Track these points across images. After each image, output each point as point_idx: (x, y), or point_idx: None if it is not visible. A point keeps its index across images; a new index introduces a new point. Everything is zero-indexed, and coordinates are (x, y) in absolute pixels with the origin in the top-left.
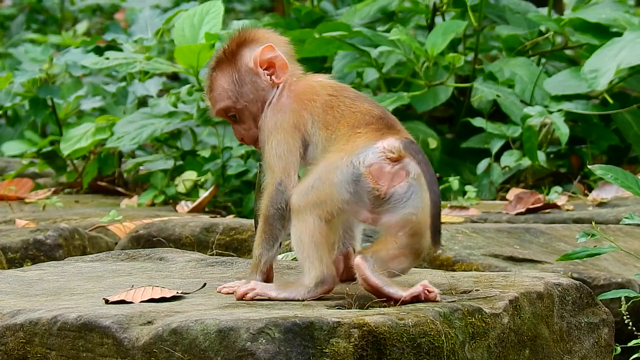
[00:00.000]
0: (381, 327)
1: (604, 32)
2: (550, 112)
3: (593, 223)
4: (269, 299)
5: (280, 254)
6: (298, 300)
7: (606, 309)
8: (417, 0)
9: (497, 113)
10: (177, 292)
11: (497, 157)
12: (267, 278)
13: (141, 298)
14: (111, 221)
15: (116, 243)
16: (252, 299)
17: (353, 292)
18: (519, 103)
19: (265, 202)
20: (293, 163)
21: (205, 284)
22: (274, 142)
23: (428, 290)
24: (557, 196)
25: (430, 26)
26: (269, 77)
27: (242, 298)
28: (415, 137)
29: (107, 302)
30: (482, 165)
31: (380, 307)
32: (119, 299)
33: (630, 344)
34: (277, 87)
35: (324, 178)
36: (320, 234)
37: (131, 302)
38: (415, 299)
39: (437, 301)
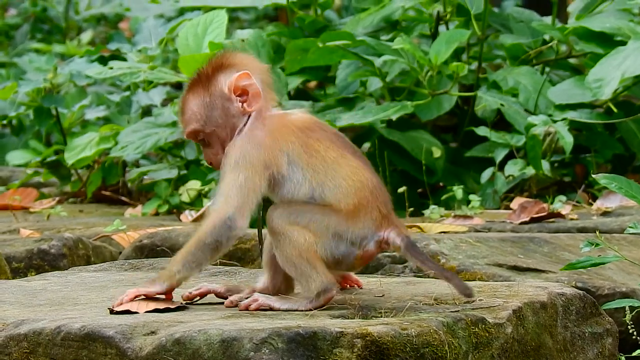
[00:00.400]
0: (384, 337)
1: (608, 41)
2: (555, 121)
3: (597, 232)
4: (271, 309)
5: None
6: (301, 310)
7: (610, 318)
8: (420, 9)
9: (501, 122)
10: (182, 303)
11: (501, 166)
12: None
13: (146, 308)
14: (115, 231)
15: (120, 252)
16: (255, 310)
17: (356, 302)
18: (523, 112)
19: (206, 229)
20: (250, 204)
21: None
22: (239, 174)
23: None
24: (562, 205)
25: (434, 35)
26: (240, 104)
27: (246, 309)
28: (419, 147)
29: (111, 312)
30: (486, 174)
31: (383, 317)
32: (123, 309)
33: (634, 354)
34: (249, 116)
35: (318, 228)
36: (307, 249)
37: (136, 313)
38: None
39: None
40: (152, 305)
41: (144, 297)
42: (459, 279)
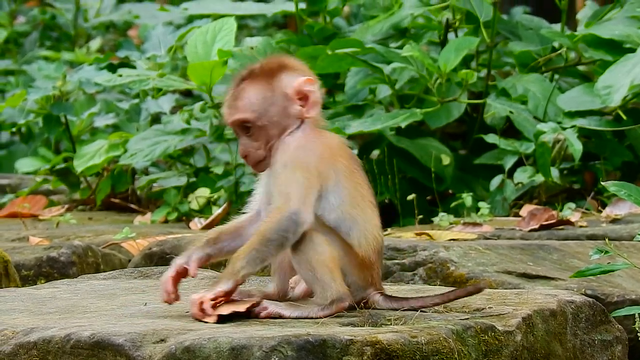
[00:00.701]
0: (394, 344)
1: (618, 48)
2: (564, 129)
3: (606, 239)
4: (281, 317)
5: None
6: (311, 318)
7: (620, 326)
8: (429, 17)
9: (510, 129)
10: (257, 301)
11: (510, 174)
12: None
13: (227, 311)
14: (124, 238)
15: (129, 260)
16: (265, 318)
17: (366, 310)
18: (532, 119)
19: (270, 225)
20: (312, 200)
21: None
22: (296, 173)
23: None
24: (571, 212)
25: (443, 42)
26: (300, 108)
27: (256, 317)
28: (428, 154)
29: (218, 320)
30: (495, 181)
31: (393, 324)
32: (212, 319)
33: None
34: (302, 122)
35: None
36: (331, 257)
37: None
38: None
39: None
40: (230, 309)
41: (221, 300)
42: (461, 290)
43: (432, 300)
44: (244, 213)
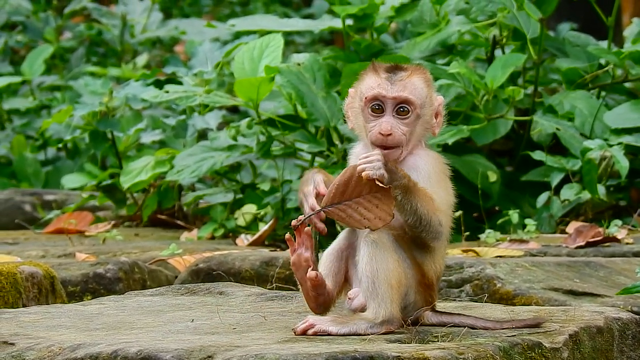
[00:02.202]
0: None
1: None
2: (610, 146)
3: None
4: (329, 335)
5: None
6: (359, 335)
7: None
8: (476, 34)
9: (556, 146)
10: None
11: (557, 191)
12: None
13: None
14: (171, 255)
15: (176, 277)
16: (313, 335)
17: (413, 327)
18: (578, 136)
19: (435, 216)
20: (449, 222)
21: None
22: (444, 190)
23: None
24: (617, 229)
25: (489, 59)
26: (435, 123)
27: (303, 334)
28: (475, 171)
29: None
30: (542, 198)
31: (440, 341)
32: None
33: None
34: (423, 140)
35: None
36: (398, 278)
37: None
38: None
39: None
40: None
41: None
42: (518, 321)
43: (485, 324)
44: None
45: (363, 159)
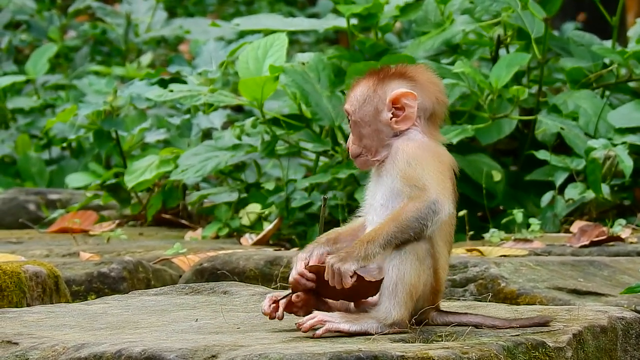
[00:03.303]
0: None
1: None
2: (615, 145)
3: None
4: (340, 332)
5: None
6: (370, 334)
7: None
8: (481, 33)
9: (561, 146)
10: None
11: (561, 190)
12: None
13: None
14: (175, 254)
15: (180, 276)
16: (322, 335)
17: (417, 327)
18: (583, 136)
19: (411, 214)
20: (449, 189)
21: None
22: (429, 167)
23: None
24: (621, 229)
25: (494, 59)
26: (390, 117)
27: (310, 330)
28: (479, 170)
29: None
30: (546, 197)
31: (444, 340)
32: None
33: None
34: (412, 131)
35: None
36: (416, 285)
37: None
38: None
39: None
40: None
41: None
42: (526, 319)
43: (492, 322)
44: (357, 217)
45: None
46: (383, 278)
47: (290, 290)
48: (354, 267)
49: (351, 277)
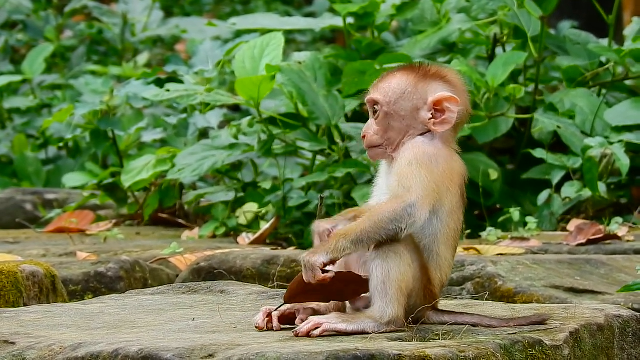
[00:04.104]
0: (442, 359)
1: None
2: (611, 143)
3: None
4: (338, 333)
5: None
6: (367, 333)
7: None
8: (477, 32)
9: (557, 144)
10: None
11: (558, 188)
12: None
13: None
14: (172, 253)
15: (177, 275)
16: (319, 336)
17: (414, 325)
18: (579, 134)
19: (386, 214)
20: (432, 198)
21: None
22: (422, 172)
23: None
24: (618, 227)
25: (490, 57)
26: (429, 118)
27: (307, 335)
28: (476, 169)
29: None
30: (543, 196)
31: (441, 339)
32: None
33: None
34: (431, 133)
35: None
36: (406, 280)
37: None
38: None
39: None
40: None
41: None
42: (523, 318)
43: (489, 322)
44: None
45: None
46: (362, 275)
47: (283, 302)
48: (322, 259)
49: (323, 270)
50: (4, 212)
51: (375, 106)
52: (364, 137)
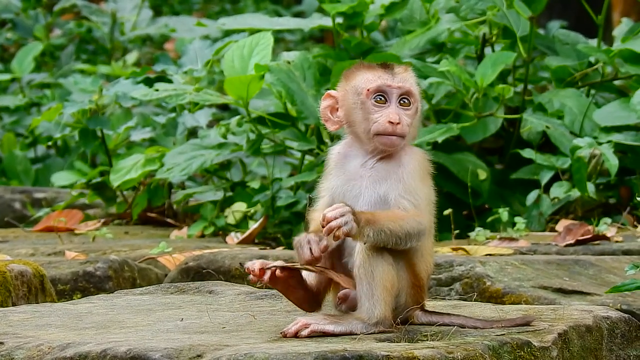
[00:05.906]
0: None
1: None
2: (600, 144)
3: None
4: (325, 334)
5: None
6: (355, 334)
7: None
8: (466, 32)
9: (546, 144)
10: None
11: (547, 189)
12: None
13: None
14: (161, 253)
15: (166, 275)
16: (307, 336)
17: (402, 326)
18: (568, 134)
19: (412, 223)
20: (432, 220)
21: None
22: (427, 188)
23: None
24: (607, 227)
25: (479, 57)
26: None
27: (294, 336)
28: (465, 169)
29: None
30: (532, 196)
31: (429, 340)
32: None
33: None
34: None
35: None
36: (392, 281)
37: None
38: None
39: None
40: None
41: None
42: (508, 321)
43: (474, 323)
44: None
45: (331, 211)
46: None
47: (279, 261)
48: (345, 229)
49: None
50: None
51: (410, 98)
52: (398, 123)
